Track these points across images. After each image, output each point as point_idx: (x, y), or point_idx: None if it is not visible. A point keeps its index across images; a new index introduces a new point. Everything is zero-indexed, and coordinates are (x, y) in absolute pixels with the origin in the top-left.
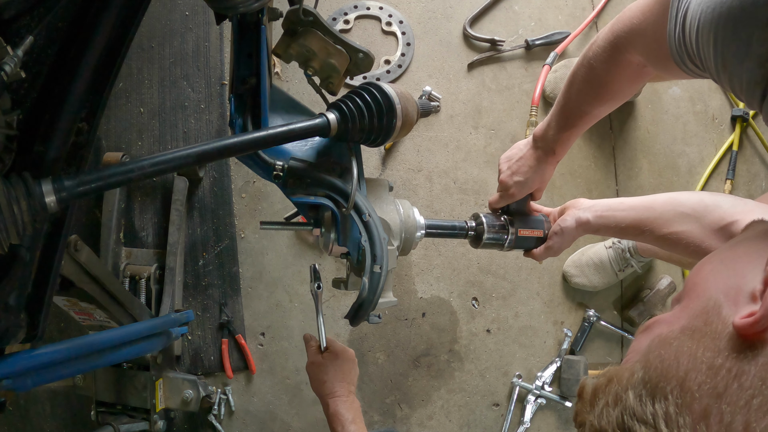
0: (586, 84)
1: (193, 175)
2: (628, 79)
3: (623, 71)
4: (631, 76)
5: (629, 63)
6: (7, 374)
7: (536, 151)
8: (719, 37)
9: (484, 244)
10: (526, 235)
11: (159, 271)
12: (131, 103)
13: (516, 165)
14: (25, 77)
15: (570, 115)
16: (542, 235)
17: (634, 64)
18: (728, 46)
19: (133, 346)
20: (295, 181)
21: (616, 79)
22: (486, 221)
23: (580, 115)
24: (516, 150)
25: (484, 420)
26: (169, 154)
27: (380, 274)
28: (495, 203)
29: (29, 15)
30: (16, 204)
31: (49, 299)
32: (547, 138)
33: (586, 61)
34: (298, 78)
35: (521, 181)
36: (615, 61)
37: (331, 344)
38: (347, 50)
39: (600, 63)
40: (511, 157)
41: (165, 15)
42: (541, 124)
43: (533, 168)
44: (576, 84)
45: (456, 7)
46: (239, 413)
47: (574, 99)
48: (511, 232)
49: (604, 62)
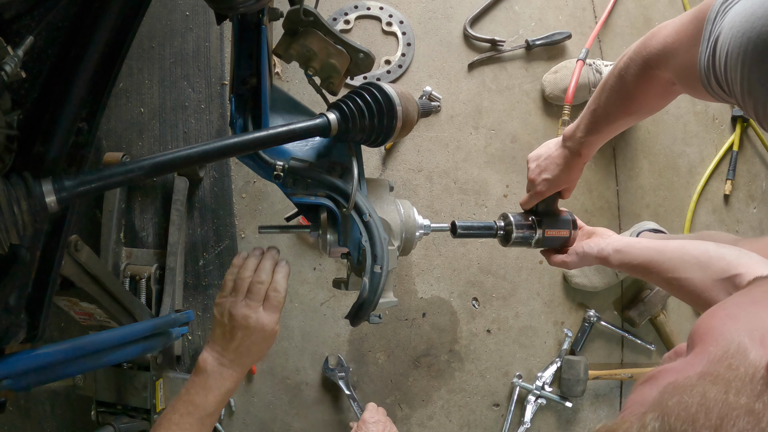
0: (614, 93)
1: (194, 175)
2: (655, 95)
3: (652, 87)
4: (659, 92)
5: (659, 79)
6: (8, 374)
7: (564, 150)
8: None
9: (513, 242)
10: (552, 235)
11: (159, 271)
12: (132, 103)
13: (544, 163)
14: (26, 77)
15: (597, 120)
16: (567, 235)
17: (663, 81)
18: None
19: (134, 346)
20: (296, 181)
21: (644, 93)
22: (514, 221)
23: (607, 122)
24: (545, 148)
25: (485, 420)
26: (169, 154)
27: (381, 275)
28: (525, 203)
29: (30, 15)
30: (16, 204)
31: (49, 299)
32: (575, 139)
33: (617, 72)
34: (299, 78)
35: (548, 179)
36: (645, 76)
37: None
38: (348, 50)
39: (630, 76)
40: (540, 155)
41: (165, 15)
42: (572, 124)
43: (560, 166)
44: (606, 92)
45: (456, 7)
46: (239, 413)
47: (602, 106)
48: (538, 231)
49: (634, 75)
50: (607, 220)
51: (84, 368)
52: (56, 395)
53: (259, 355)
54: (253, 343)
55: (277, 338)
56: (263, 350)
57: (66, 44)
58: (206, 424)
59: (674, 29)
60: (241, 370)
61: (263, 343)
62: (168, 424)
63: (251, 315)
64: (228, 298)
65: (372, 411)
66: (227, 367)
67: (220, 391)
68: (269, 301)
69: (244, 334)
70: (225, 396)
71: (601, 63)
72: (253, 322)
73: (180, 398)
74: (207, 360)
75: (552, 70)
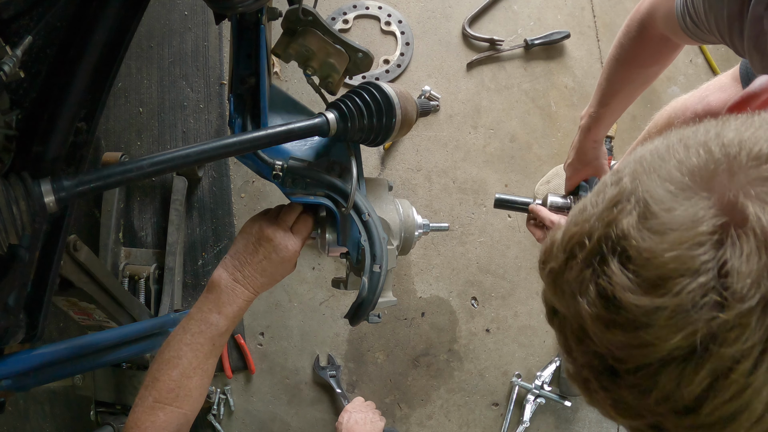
0: (616, 62)
1: (192, 174)
2: (652, 53)
3: (647, 44)
4: (654, 48)
5: (653, 36)
6: (7, 374)
7: (580, 133)
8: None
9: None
10: None
11: (158, 270)
12: (130, 102)
13: (570, 152)
14: (24, 77)
15: (604, 93)
16: None
17: (657, 37)
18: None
19: (133, 346)
20: (295, 180)
21: (641, 53)
22: (550, 200)
23: (612, 93)
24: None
25: (484, 419)
26: (168, 153)
27: (380, 274)
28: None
29: (28, 15)
30: (15, 204)
31: (48, 299)
32: (587, 115)
33: (617, 42)
34: (298, 77)
35: (570, 164)
36: (641, 37)
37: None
38: (346, 50)
39: (628, 40)
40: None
41: (164, 15)
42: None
43: (575, 148)
44: (609, 63)
45: (455, 6)
46: (239, 413)
47: (608, 78)
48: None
49: (632, 39)
50: None
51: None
52: (55, 395)
53: (272, 278)
54: (272, 262)
55: (276, 338)
56: (278, 273)
57: (65, 44)
58: (217, 345)
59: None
60: (253, 289)
61: (281, 265)
62: (178, 345)
63: (279, 232)
64: (262, 216)
65: (356, 402)
66: (241, 284)
67: (232, 309)
68: (297, 226)
69: (268, 249)
70: (237, 315)
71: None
72: (280, 239)
73: (191, 317)
74: (221, 276)
75: (544, 180)
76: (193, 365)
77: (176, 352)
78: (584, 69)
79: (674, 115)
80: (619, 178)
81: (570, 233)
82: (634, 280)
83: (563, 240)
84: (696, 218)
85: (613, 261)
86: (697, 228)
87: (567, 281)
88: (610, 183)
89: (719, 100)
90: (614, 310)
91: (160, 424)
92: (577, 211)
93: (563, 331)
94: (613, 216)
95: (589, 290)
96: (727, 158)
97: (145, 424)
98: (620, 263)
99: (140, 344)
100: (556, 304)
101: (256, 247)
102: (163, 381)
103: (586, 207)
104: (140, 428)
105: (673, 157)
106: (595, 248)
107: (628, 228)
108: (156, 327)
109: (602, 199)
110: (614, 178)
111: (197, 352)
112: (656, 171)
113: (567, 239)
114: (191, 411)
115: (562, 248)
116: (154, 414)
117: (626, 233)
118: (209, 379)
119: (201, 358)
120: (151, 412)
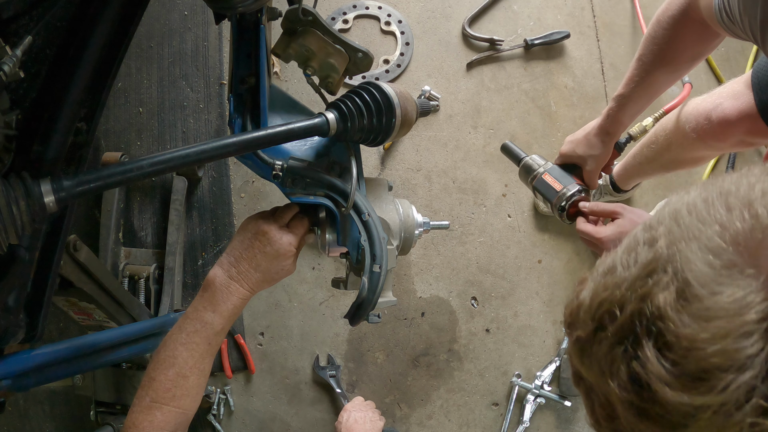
0: (652, 41)
1: (192, 174)
2: (692, 37)
3: (688, 27)
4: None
5: (694, 20)
6: (7, 374)
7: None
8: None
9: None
10: (547, 181)
11: (158, 270)
12: (130, 102)
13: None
14: (24, 77)
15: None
16: (558, 189)
17: (698, 23)
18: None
19: (133, 345)
20: (295, 180)
21: (680, 35)
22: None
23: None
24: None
25: (484, 419)
26: (168, 153)
27: (380, 274)
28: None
29: (28, 15)
30: (15, 204)
31: (48, 299)
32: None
33: (655, 19)
34: (297, 77)
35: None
36: (682, 17)
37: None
38: (346, 50)
39: (667, 18)
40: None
41: (164, 15)
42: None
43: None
44: (645, 44)
45: (455, 6)
46: (238, 413)
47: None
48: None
49: (671, 18)
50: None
51: (83, 368)
52: (55, 395)
53: (268, 274)
54: (266, 256)
55: (276, 338)
56: (273, 269)
57: (64, 44)
58: (213, 344)
59: None
60: (248, 286)
61: (275, 260)
62: (174, 344)
63: (274, 226)
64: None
65: (356, 401)
66: (236, 281)
67: (227, 307)
68: (294, 222)
69: (263, 243)
70: (232, 313)
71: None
72: (274, 232)
73: (187, 317)
74: (216, 274)
75: None
76: (189, 364)
77: (172, 352)
78: (584, 69)
79: (684, 119)
80: (653, 237)
81: (599, 299)
82: (673, 372)
83: (591, 306)
84: (743, 304)
85: (648, 344)
86: (744, 316)
87: (595, 356)
88: (643, 242)
89: (734, 108)
90: (648, 401)
91: (157, 424)
92: (606, 271)
93: (590, 399)
94: (648, 288)
95: (620, 372)
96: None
97: (143, 424)
98: (656, 349)
99: (140, 344)
100: (583, 373)
101: (252, 242)
102: (160, 381)
103: (615, 267)
104: (138, 428)
105: (714, 219)
106: (627, 324)
107: (666, 307)
108: (156, 327)
109: (634, 261)
110: (647, 236)
111: (193, 351)
112: (696, 237)
113: (596, 306)
114: (189, 410)
115: (590, 315)
116: (151, 414)
117: (663, 313)
118: (206, 378)
119: (197, 357)
120: (148, 411)
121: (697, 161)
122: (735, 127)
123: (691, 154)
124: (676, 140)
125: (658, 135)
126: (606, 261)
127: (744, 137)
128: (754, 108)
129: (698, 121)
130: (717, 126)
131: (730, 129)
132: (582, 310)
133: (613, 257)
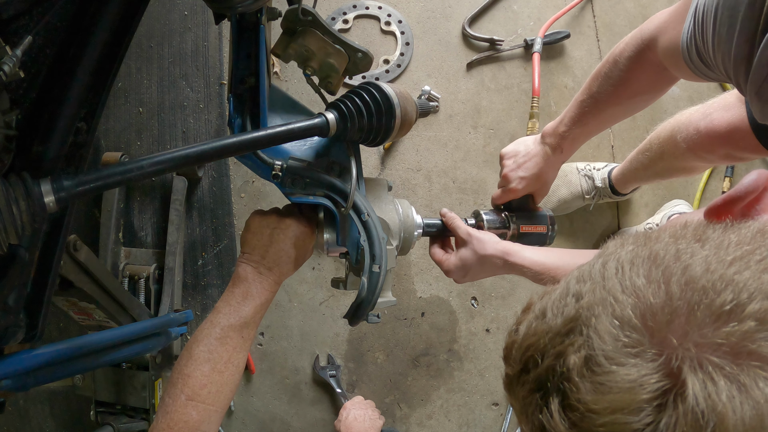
0: (607, 80)
1: (192, 174)
2: (648, 80)
3: (645, 69)
4: (651, 77)
5: (651, 62)
6: (7, 374)
7: (544, 147)
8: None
9: None
10: (528, 231)
11: (158, 270)
12: (130, 102)
13: (522, 159)
14: (24, 77)
15: (585, 111)
16: (545, 231)
17: (655, 64)
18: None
19: (133, 346)
20: (294, 180)
21: (636, 76)
22: (486, 218)
23: (595, 112)
24: (522, 145)
25: (484, 419)
26: (168, 153)
27: (379, 274)
28: (497, 199)
29: (28, 15)
30: (15, 204)
31: (48, 299)
32: (557, 134)
33: (612, 57)
34: (297, 78)
35: (525, 177)
36: (639, 59)
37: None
38: (346, 50)
39: (624, 59)
40: (517, 152)
41: (164, 15)
42: (554, 121)
43: (539, 165)
44: (598, 79)
45: (455, 6)
46: (238, 413)
47: (593, 94)
48: (512, 228)
49: (628, 59)
50: (607, 220)
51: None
52: (55, 395)
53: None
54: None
55: (276, 338)
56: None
57: (64, 44)
58: (246, 338)
59: (669, 11)
60: (275, 279)
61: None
62: (208, 339)
63: (287, 217)
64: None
65: (355, 400)
66: (265, 276)
67: (260, 300)
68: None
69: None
70: (263, 307)
71: (592, 167)
72: (289, 221)
73: (219, 311)
74: (247, 270)
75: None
76: (224, 359)
77: (206, 347)
78: (584, 69)
79: (677, 129)
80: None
81: (527, 342)
82: (569, 431)
83: (521, 346)
84: (639, 383)
85: (554, 401)
86: (636, 395)
87: (517, 395)
88: (572, 294)
89: (723, 119)
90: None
91: (193, 424)
92: (539, 313)
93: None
94: (564, 347)
95: (533, 417)
96: (687, 305)
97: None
98: (561, 406)
99: (140, 344)
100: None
101: (271, 238)
102: (195, 377)
103: (546, 313)
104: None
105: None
106: (543, 376)
107: (573, 370)
108: (156, 327)
109: (561, 312)
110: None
111: (227, 345)
112: (612, 305)
113: (524, 349)
114: (222, 408)
115: (519, 356)
116: (187, 413)
117: (570, 376)
118: (240, 375)
119: (231, 351)
120: (183, 410)
121: (690, 171)
122: (723, 138)
123: (682, 163)
124: (669, 149)
125: (652, 143)
126: (543, 301)
127: (731, 151)
128: (744, 121)
129: (688, 131)
130: (705, 137)
131: (717, 140)
132: (515, 348)
133: (547, 300)
